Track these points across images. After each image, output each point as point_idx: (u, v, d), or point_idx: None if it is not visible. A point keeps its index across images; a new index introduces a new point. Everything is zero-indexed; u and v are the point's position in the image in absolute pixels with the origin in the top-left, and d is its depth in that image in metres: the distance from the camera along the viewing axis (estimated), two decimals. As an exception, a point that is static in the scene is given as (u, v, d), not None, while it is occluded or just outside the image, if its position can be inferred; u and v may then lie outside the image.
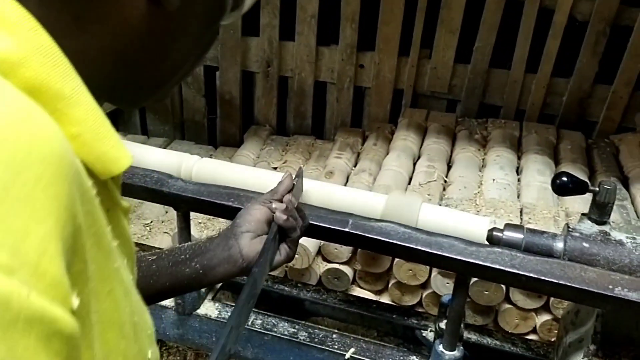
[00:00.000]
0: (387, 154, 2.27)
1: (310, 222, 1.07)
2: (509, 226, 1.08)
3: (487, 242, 1.08)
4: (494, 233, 1.07)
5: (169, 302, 1.32)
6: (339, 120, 2.68)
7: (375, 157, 2.29)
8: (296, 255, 1.82)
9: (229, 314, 1.31)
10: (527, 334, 1.79)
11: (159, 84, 0.52)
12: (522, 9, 2.26)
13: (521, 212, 1.82)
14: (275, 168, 2.48)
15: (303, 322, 1.29)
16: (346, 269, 1.88)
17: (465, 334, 1.29)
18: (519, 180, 2.05)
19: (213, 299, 1.36)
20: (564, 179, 1.01)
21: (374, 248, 1.07)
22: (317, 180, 1.20)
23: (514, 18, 2.30)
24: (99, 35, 0.42)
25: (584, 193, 1.02)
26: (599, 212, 1.03)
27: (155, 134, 2.95)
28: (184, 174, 1.21)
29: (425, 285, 1.82)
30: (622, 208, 1.86)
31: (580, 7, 2.21)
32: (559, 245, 1.02)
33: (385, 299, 1.93)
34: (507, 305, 1.75)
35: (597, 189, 1.02)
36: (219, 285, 1.40)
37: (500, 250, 1.02)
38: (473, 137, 2.27)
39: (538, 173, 2.00)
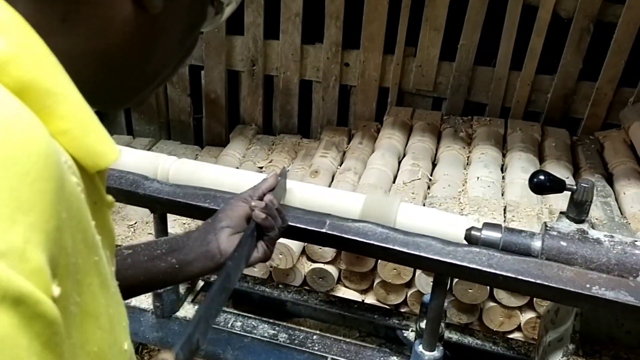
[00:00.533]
0: (373, 152, 2.26)
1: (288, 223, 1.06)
2: (487, 225, 1.07)
3: (465, 242, 1.08)
4: (472, 232, 1.06)
5: (147, 305, 1.31)
6: (325, 119, 2.67)
7: (361, 155, 2.28)
8: (280, 256, 1.82)
9: (209, 316, 1.30)
10: (512, 331, 1.79)
11: (141, 87, 0.53)
12: (506, 7, 2.25)
13: (505, 210, 1.81)
14: (260, 167, 2.47)
15: (283, 323, 1.28)
16: (331, 269, 1.87)
17: (447, 334, 1.28)
18: (503, 178, 2.05)
19: (193, 301, 1.35)
20: (541, 177, 1.01)
21: (351, 249, 1.06)
22: (295, 181, 1.19)
23: (499, 15, 2.29)
24: (84, 37, 0.43)
25: (561, 191, 1.02)
26: (577, 210, 1.03)
27: (140, 134, 2.93)
28: (160, 175, 1.19)
29: (409, 284, 1.82)
30: (605, 205, 1.86)
31: (564, 4, 2.21)
32: (537, 244, 1.02)
33: (370, 298, 1.93)
34: (492, 304, 1.75)
35: (575, 187, 1.01)
36: (199, 287, 1.39)
37: (477, 249, 1.01)
38: (458, 135, 2.27)
39: (522, 171, 1.99)
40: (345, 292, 1.94)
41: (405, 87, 2.52)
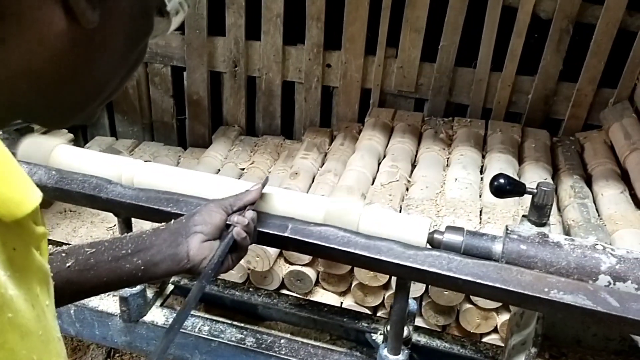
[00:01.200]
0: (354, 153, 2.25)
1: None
2: (449, 228, 1.07)
3: (429, 245, 1.07)
4: (435, 236, 1.06)
5: (114, 309, 1.30)
6: (308, 120, 2.66)
7: (342, 157, 2.28)
8: (256, 258, 1.81)
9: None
10: (489, 333, 1.79)
11: (84, 103, 0.51)
12: (486, 8, 2.25)
13: (481, 212, 1.81)
14: (242, 169, 2.46)
15: (252, 327, 1.28)
16: (308, 271, 1.87)
17: (415, 337, 1.28)
18: (482, 179, 2.05)
19: (161, 305, 1.34)
20: (502, 180, 1.01)
21: (313, 253, 1.06)
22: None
23: (479, 17, 2.29)
24: (16, 56, 0.41)
25: (521, 195, 1.01)
26: (538, 213, 1.02)
27: (123, 135, 2.92)
28: (125, 179, 1.18)
29: (387, 286, 1.81)
30: (582, 206, 1.86)
31: (543, 5, 2.21)
32: (498, 247, 1.01)
33: (349, 300, 1.93)
34: (468, 305, 1.75)
35: (535, 190, 1.01)
36: (169, 290, 1.38)
37: (438, 253, 1.01)
38: (438, 137, 2.26)
39: (500, 172, 1.98)
40: (323, 295, 1.94)
41: (387, 88, 2.52)
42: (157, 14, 0.53)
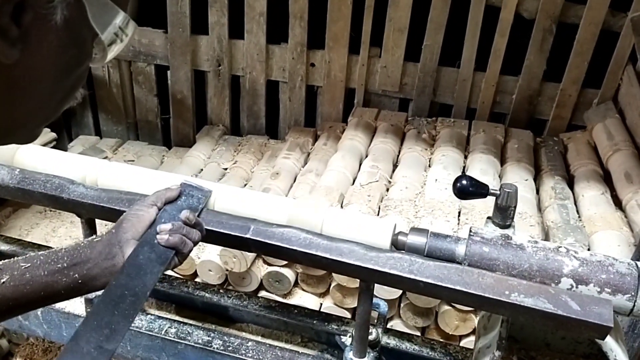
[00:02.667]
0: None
1: (211, 228, 1.05)
2: (413, 230, 1.05)
3: (394, 247, 1.06)
4: (399, 237, 1.05)
5: (81, 311, 1.28)
6: (293, 120, 2.65)
7: (324, 157, 2.26)
8: (234, 259, 1.80)
9: (144, 322, 1.28)
10: (468, 335, 1.77)
11: (14, 128, 0.53)
12: (469, 7, 2.24)
13: (459, 213, 1.80)
14: (225, 169, 2.45)
15: (219, 330, 1.27)
16: (287, 272, 1.85)
17: (385, 339, 1.27)
18: (463, 179, 2.03)
19: (130, 307, 1.32)
20: (464, 182, 0.99)
21: (275, 254, 1.04)
22: (223, 185, 1.17)
23: (463, 16, 2.28)
24: None
25: (485, 197, 1.00)
26: (501, 215, 1.01)
27: (108, 134, 2.90)
28: (89, 179, 1.17)
29: (365, 287, 1.80)
30: (562, 207, 1.85)
31: (526, 5, 2.20)
32: (461, 249, 1.00)
33: (328, 302, 1.91)
34: (446, 307, 1.73)
35: (498, 192, 1.00)
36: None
37: (400, 255, 1.00)
38: (421, 137, 2.25)
39: (481, 173, 1.98)
40: (302, 296, 1.92)
41: (371, 87, 2.50)
42: (93, 43, 0.55)
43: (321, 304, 1.89)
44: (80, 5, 0.50)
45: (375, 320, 1.28)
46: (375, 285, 1.74)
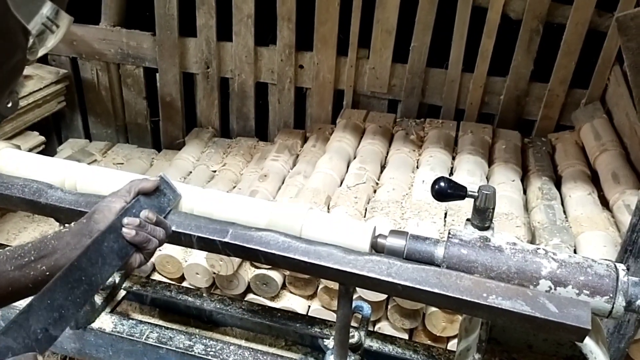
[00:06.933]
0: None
1: (188, 232, 1.04)
2: (392, 233, 1.05)
3: (373, 250, 1.05)
4: (378, 240, 1.04)
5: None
6: (282, 122, 2.64)
7: (313, 159, 2.26)
8: (220, 262, 1.79)
9: (125, 327, 1.27)
10: (455, 336, 1.77)
11: None
12: (456, 8, 2.24)
13: (446, 214, 1.79)
14: (214, 171, 2.44)
15: (201, 334, 1.26)
16: (274, 275, 1.84)
17: (368, 342, 1.26)
18: (450, 181, 2.03)
19: (112, 312, 1.32)
20: (442, 184, 0.99)
21: (254, 258, 1.04)
22: (205, 189, 1.16)
23: (451, 17, 2.28)
24: None
25: (463, 199, 1.00)
26: (480, 217, 1.01)
27: (97, 137, 2.89)
28: (68, 183, 1.16)
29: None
30: (549, 208, 1.84)
31: (513, 5, 2.20)
32: (439, 252, 1.00)
33: (316, 304, 1.91)
34: (433, 308, 1.73)
35: (476, 194, 0.99)
36: (120, 296, 1.36)
37: (378, 258, 0.99)
38: (409, 138, 2.25)
39: (468, 174, 1.98)
40: (290, 299, 1.91)
41: (360, 89, 2.50)
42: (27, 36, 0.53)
43: (309, 307, 1.89)
44: None
45: (359, 324, 1.27)
46: (360, 288, 1.75)
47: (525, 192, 2.02)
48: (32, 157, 1.23)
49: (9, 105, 0.60)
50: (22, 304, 0.76)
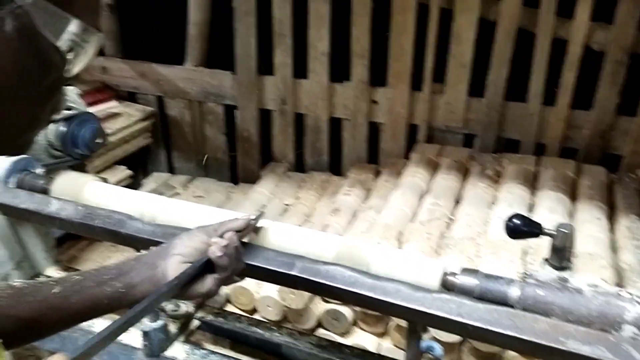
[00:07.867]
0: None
1: (258, 264, 1.06)
2: (465, 271, 1.01)
3: (443, 288, 1.02)
4: (449, 278, 1.01)
5: (138, 343, 1.32)
6: (355, 156, 2.66)
7: (385, 193, 2.24)
8: (291, 296, 1.80)
9: (197, 356, 1.29)
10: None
11: None
12: (534, 40, 2.18)
13: (524, 253, 1.71)
14: (287, 205, 2.48)
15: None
16: (345, 310, 1.82)
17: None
18: (529, 218, 1.95)
19: (185, 341, 1.35)
20: (516, 221, 0.95)
21: (320, 292, 1.03)
22: (273, 221, 1.18)
23: (529, 49, 2.22)
24: None
25: (537, 236, 0.95)
26: (557, 257, 0.96)
27: (180, 171, 3.03)
28: (147, 215, 1.22)
29: (426, 328, 1.74)
30: (638, 249, 1.72)
31: (596, 37, 2.11)
32: (514, 292, 0.95)
33: (387, 342, 1.86)
34: (512, 353, 1.64)
35: (554, 232, 0.95)
36: (194, 326, 1.39)
37: (448, 297, 0.96)
38: (485, 173, 2.18)
39: (549, 211, 1.89)
40: (360, 335, 1.88)
41: (434, 123, 2.47)
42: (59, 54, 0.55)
43: (380, 345, 1.85)
44: (31, 16, 0.50)
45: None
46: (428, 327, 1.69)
47: (611, 231, 1.90)
48: (116, 189, 1.30)
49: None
50: (89, 324, 0.78)
